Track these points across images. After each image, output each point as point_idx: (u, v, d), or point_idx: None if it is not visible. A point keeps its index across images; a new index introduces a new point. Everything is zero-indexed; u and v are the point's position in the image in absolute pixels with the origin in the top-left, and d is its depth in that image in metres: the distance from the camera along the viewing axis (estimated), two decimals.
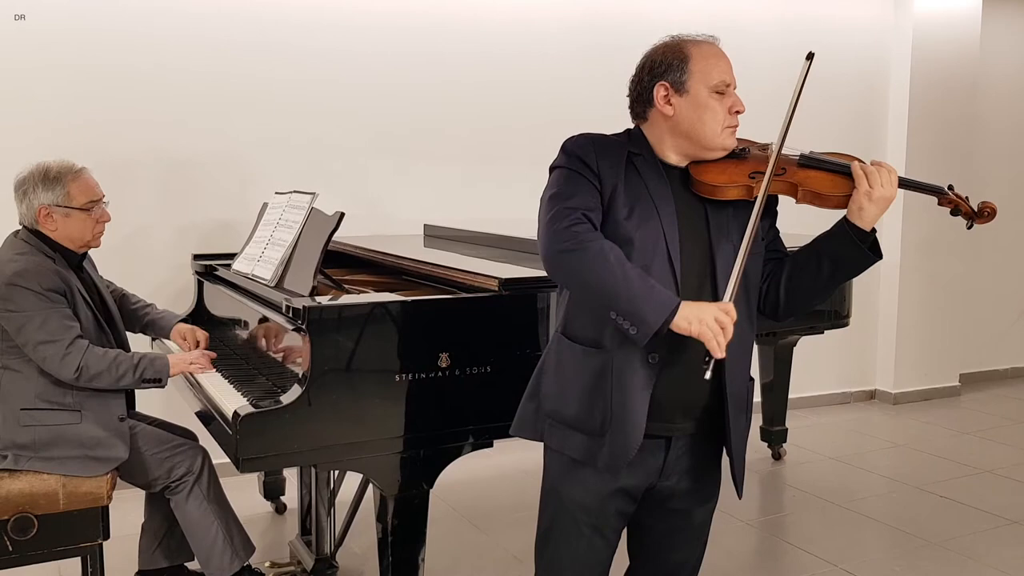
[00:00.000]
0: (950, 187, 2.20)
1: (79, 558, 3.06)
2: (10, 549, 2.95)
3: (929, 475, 5.14)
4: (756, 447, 5.44)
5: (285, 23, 4.93)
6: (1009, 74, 7.35)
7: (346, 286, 3.31)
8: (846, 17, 6.50)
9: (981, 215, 2.18)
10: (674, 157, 2.16)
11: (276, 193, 3.79)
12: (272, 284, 3.20)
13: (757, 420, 5.43)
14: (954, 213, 2.22)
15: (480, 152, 5.38)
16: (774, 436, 5.39)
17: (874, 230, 2.10)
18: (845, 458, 5.46)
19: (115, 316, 3.38)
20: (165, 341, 3.69)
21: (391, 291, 3.07)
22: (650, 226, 2.06)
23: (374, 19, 5.12)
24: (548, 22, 5.51)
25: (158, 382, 3.11)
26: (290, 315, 2.72)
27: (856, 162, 2.12)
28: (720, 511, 2.41)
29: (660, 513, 2.29)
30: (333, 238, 3.04)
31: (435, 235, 4.64)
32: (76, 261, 3.23)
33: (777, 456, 5.39)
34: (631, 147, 2.15)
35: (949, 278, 6.92)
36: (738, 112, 2.13)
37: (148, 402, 3.71)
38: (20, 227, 3.19)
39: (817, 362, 6.35)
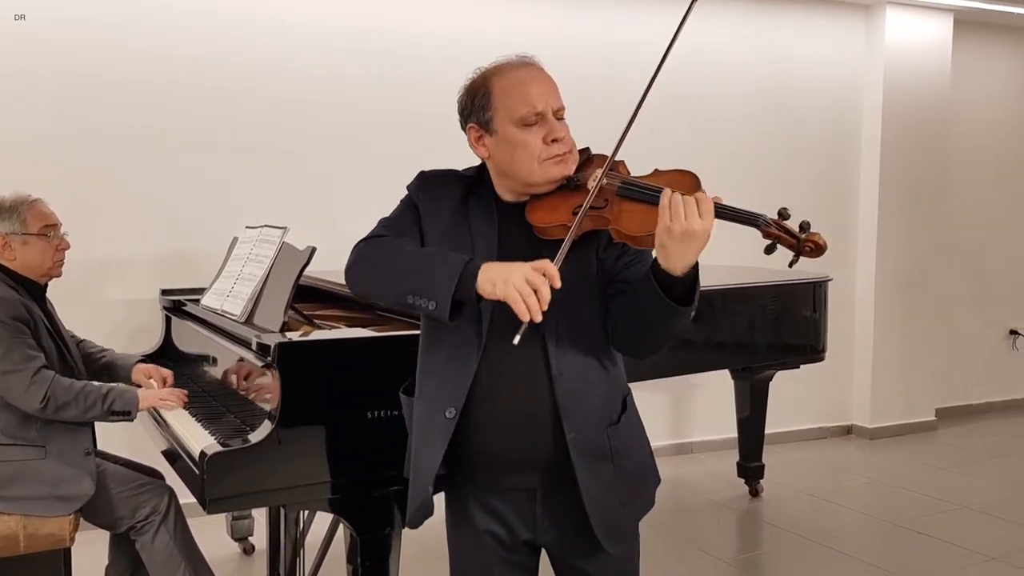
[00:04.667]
0: (781, 212, 1.81)
1: None
2: None
3: (906, 511, 5.15)
4: (733, 483, 5.45)
5: (255, 50, 4.93)
6: (980, 103, 7.45)
7: (317, 321, 3.30)
8: (817, 50, 6.58)
9: (803, 250, 1.80)
10: (509, 195, 2.07)
11: (247, 227, 3.78)
12: (242, 320, 3.18)
13: (734, 456, 5.44)
14: (768, 250, 1.83)
15: None
16: (751, 472, 5.39)
17: (694, 274, 1.82)
18: (822, 494, 5.46)
19: (75, 353, 3.37)
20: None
21: (363, 326, 3.06)
22: None
23: (349, 46, 5.13)
24: (540, 51, 5.52)
25: (127, 415, 3.09)
26: (260, 351, 2.71)
27: (667, 190, 1.78)
28: (697, 549, 2.37)
29: (567, 573, 2.18)
30: (305, 273, 3.04)
31: None
32: (39, 292, 3.26)
33: (754, 492, 5.39)
34: (476, 185, 2.10)
35: (925, 312, 6.97)
36: (555, 140, 1.97)
37: (112, 440, 3.66)
38: None
39: (793, 397, 6.33)
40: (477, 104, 2.01)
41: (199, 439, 2.77)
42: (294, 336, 2.72)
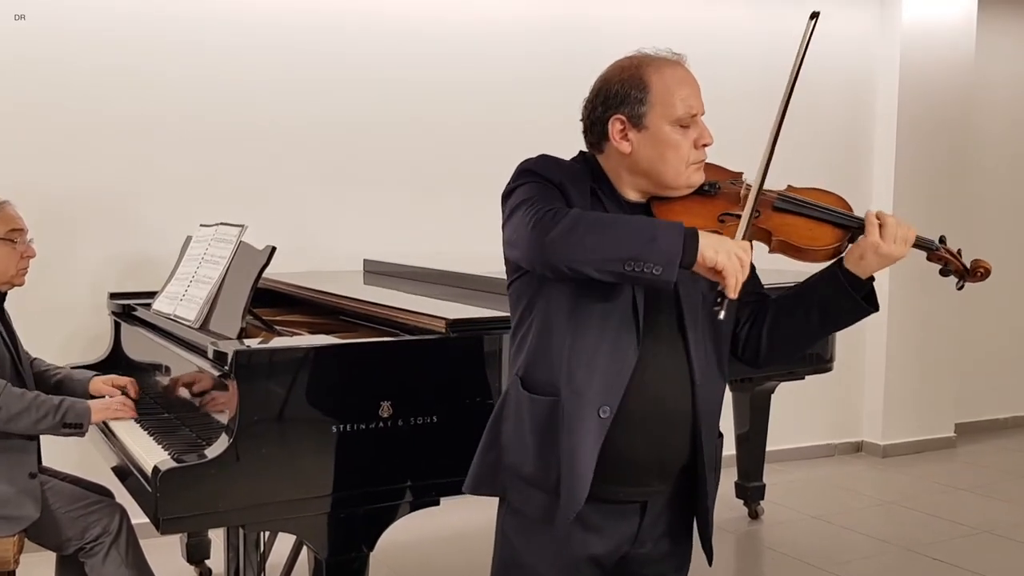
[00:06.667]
0: (942, 239, 2.19)
1: None
2: None
3: (921, 535, 5.18)
4: (731, 505, 5.46)
5: (212, 42, 4.97)
6: (1007, 88, 7.45)
7: (278, 328, 3.34)
8: (827, 28, 6.55)
9: (973, 274, 2.19)
10: (633, 194, 2.13)
11: (201, 225, 3.82)
12: (196, 326, 3.23)
13: (732, 475, 5.47)
14: (944, 273, 2.21)
15: (426, 182, 5.42)
16: (750, 493, 5.41)
17: (871, 279, 2.11)
18: (829, 517, 5.50)
19: (28, 366, 3.41)
20: None
21: (327, 333, 3.11)
22: None
23: (307, 40, 5.18)
24: (498, 47, 5.61)
25: (79, 427, 3.14)
26: (216, 360, 2.75)
27: (871, 210, 2.10)
28: None
29: None
30: (264, 275, 3.09)
31: (376, 271, 4.68)
32: None
33: (754, 515, 5.42)
34: (591, 179, 2.12)
35: (942, 319, 6.94)
36: (705, 145, 2.10)
37: (60, 456, 3.70)
38: None
39: (798, 411, 6.35)
40: (634, 96, 2.05)
41: (151, 454, 2.81)
42: (253, 343, 2.76)
